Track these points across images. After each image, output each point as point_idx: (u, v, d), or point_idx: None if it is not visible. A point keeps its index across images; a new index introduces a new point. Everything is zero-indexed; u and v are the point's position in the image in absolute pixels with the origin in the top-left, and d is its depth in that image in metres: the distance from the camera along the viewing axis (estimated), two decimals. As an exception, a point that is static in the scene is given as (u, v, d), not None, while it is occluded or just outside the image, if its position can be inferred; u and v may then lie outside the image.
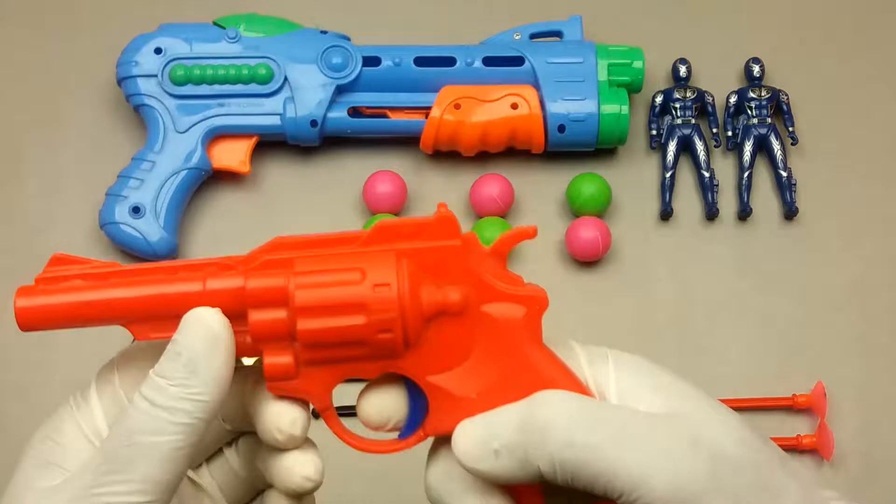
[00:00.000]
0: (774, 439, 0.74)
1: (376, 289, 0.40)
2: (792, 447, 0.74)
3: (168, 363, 0.40)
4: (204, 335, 0.39)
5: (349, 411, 0.78)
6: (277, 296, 0.40)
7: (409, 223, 0.41)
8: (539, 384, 0.41)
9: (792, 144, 0.82)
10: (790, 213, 0.80)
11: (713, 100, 0.83)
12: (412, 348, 0.41)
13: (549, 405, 0.39)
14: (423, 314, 0.41)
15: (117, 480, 0.39)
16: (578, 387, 0.41)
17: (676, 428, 0.39)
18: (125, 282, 0.41)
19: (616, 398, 0.41)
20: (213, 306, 0.40)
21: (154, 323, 0.41)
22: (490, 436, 0.40)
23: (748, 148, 0.81)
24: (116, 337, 0.76)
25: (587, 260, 0.79)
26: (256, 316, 0.40)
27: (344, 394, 0.48)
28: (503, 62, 0.80)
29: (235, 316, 0.40)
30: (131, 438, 0.39)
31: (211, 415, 0.40)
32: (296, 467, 0.43)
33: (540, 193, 0.81)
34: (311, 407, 0.43)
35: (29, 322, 0.41)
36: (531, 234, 0.42)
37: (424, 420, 0.42)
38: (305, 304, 0.40)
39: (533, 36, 0.82)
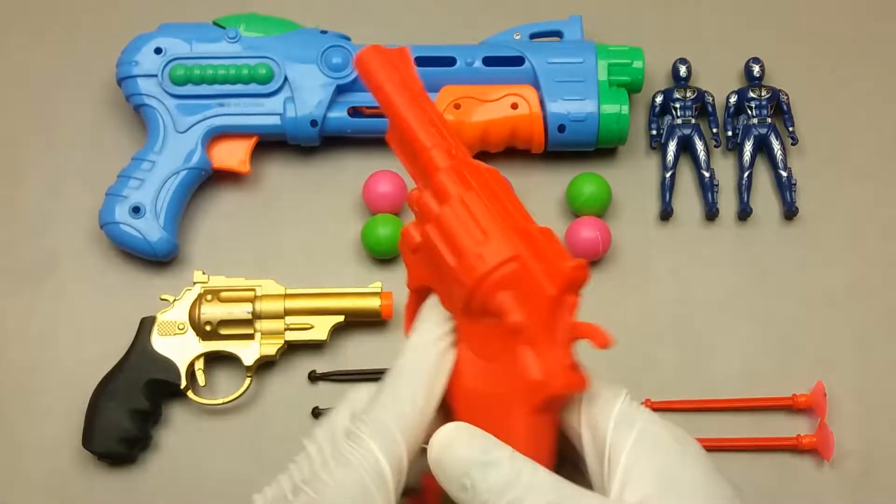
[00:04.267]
0: (774, 439, 0.74)
1: (478, 258, 0.44)
2: (792, 447, 0.74)
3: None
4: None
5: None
6: (444, 196, 0.46)
7: (554, 251, 0.45)
8: (499, 433, 0.43)
9: (792, 144, 0.82)
10: (790, 213, 0.80)
11: (713, 100, 0.83)
12: (469, 316, 0.45)
13: (525, 489, 0.41)
14: (488, 305, 0.44)
15: None
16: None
17: None
18: (409, 100, 0.47)
19: (622, 467, 0.42)
20: (424, 162, 0.46)
21: (399, 138, 0.48)
22: (467, 474, 0.42)
23: (748, 148, 0.81)
24: (113, 342, 0.76)
25: (587, 260, 0.79)
26: (426, 195, 0.46)
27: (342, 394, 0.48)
28: (503, 62, 0.80)
29: (426, 181, 0.47)
30: None
31: None
32: None
33: (540, 193, 0.81)
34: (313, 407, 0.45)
35: (361, 65, 0.48)
36: (600, 343, 0.43)
37: None
38: (443, 217, 0.45)
39: (533, 36, 0.82)
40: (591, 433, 0.44)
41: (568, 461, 0.45)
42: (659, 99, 0.83)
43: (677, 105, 0.82)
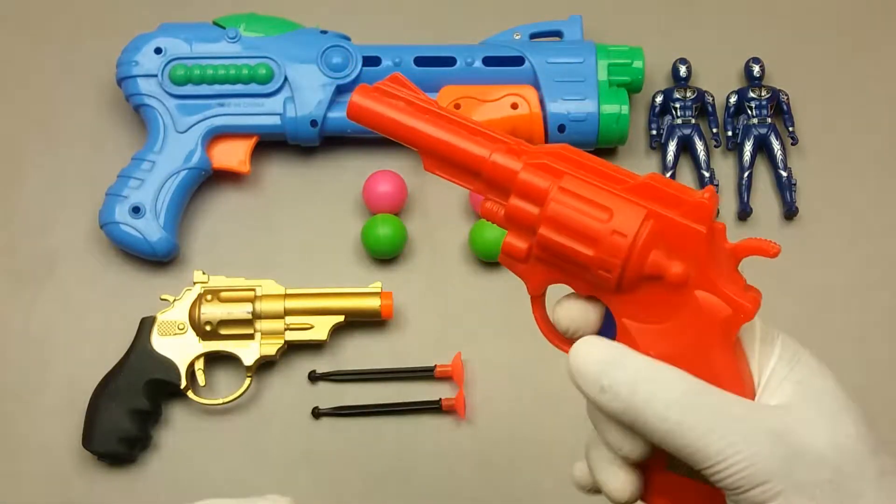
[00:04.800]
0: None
1: (614, 234, 0.44)
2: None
3: None
4: None
5: (349, 411, 0.78)
6: (538, 195, 0.45)
7: (674, 190, 0.44)
8: (708, 378, 0.44)
9: (792, 144, 0.82)
10: (790, 213, 0.80)
11: (713, 100, 0.83)
12: (623, 293, 0.45)
13: (657, 382, 0.43)
14: (643, 272, 0.44)
15: None
16: (741, 392, 0.44)
17: (769, 420, 0.42)
18: (435, 122, 0.47)
19: (761, 377, 0.45)
20: (490, 173, 0.46)
21: (440, 163, 0.47)
22: (604, 373, 0.44)
23: (748, 148, 0.81)
24: (113, 342, 0.76)
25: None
26: (515, 202, 0.45)
27: (346, 395, 0.48)
28: (503, 62, 0.80)
29: (502, 189, 0.46)
30: None
31: None
32: None
33: (540, 193, 0.81)
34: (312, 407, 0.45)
35: (354, 114, 0.47)
36: (772, 254, 0.46)
37: None
38: (554, 215, 0.44)
39: (533, 36, 0.82)
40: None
41: None
42: (659, 99, 0.83)
43: (677, 105, 0.82)
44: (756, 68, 0.83)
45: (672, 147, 0.81)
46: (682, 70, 0.83)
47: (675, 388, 0.43)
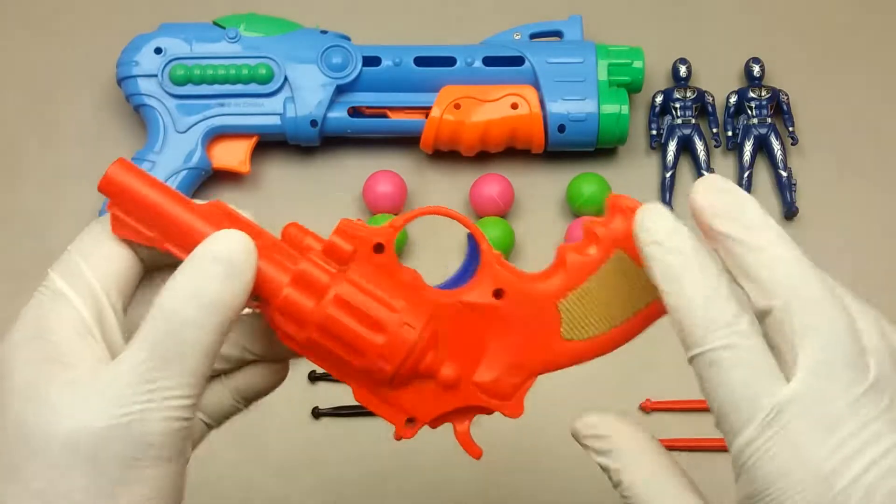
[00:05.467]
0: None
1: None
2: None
3: (209, 265, 0.41)
4: (241, 245, 0.42)
5: (349, 411, 0.78)
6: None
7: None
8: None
9: (792, 144, 0.82)
10: (790, 213, 0.80)
11: (713, 100, 0.83)
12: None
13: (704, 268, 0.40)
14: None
15: (169, 375, 0.40)
16: None
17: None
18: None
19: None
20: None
21: None
22: (675, 229, 0.41)
23: (748, 148, 0.81)
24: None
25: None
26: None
27: (346, 395, 0.48)
28: (503, 62, 0.80)
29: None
30: (181, 334, 0.40)
31: (238, 314, 0.41)
32: None
33: (540, 193, 0.81)
34: (312, 407, 0.45)
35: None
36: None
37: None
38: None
39: (533, 36, 0.82)
40: None
41: None
42: (659, 99, 0.83)
43: (677, 105, 0.82)
44: (756, 68, 0.83)
45: (672, 147, 0.81)
46: (682, 70, 0.83)
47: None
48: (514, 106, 0.79)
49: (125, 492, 0.39)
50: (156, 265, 0.45)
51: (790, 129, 0.82)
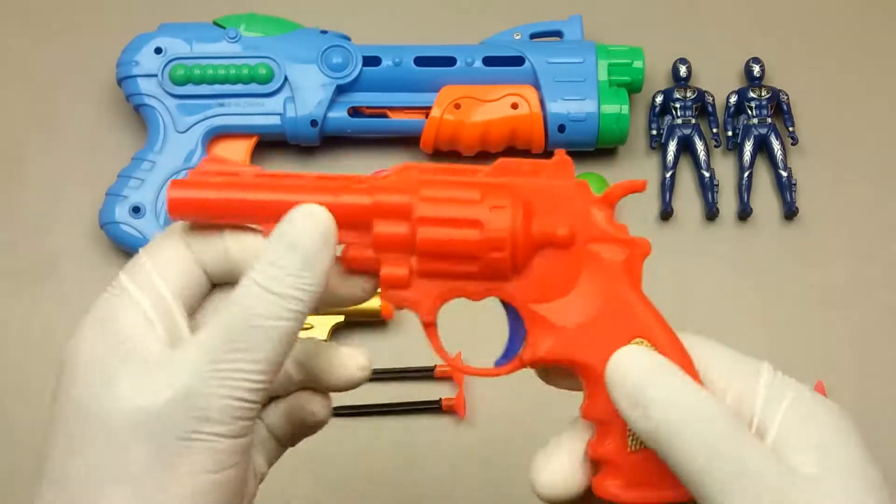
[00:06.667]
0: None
1: (493, 210, 0.43)
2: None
3: (284, 254, 0.41)
4: (319, 230, 0.42)
5: (348, 411, 0.78)
6: (401, 211, 0.43)
7: (528, 162, 0.44)
8: (635, 327, 0.44)
9: (792, 144, 0.82)
10: (790, 213, 0.80)
11: (713, 100, 0.83)
12: (519, 274, 0.44)
13: (693, 412, 0.40)
14: (533, 241, 0.44)
15: (242, 359, 0.41)
16: (671, 336, 0.44)
17: (800, 496, 0.39)
18: (266, 185, 0.43)
19: (773, 438, 0.42)
20: (344, 215, 0.43)
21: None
22: (644, 388, 0.41)
23: (748, 148, 0.81)
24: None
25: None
26: (380, 228, 0.43)
27: (346, 394, 0.48)
28: (503, 62, 0.80)
29: (362, 227, 0.43)
30: (252, 321, 0.41)
31: (315, 306, 0.42)
32: (350, 360, 0.47)
33: (540, 193, 0.81)
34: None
35: (178, 210, 0.43)
36: (641, 187, 0.45)
37: (522, 349, 0.46)
38: (427, 215, 0.43)
39: (533, 36, 0.82)
40: (735, 407, 0.43)
41: None
42: (659, 99, 0.83)
43: (677, 105, 0.82)
44: (756, 68, 0.83)
45: (672, 147, 0.81)
46: (682, 70, 0.83)
47: (716, 424, 0.40)
48: (515, 106, 0.79)
49: (184, 462, 0.40)
50: (223, 279, 0.45)
51: (790, 129, 0.82)
